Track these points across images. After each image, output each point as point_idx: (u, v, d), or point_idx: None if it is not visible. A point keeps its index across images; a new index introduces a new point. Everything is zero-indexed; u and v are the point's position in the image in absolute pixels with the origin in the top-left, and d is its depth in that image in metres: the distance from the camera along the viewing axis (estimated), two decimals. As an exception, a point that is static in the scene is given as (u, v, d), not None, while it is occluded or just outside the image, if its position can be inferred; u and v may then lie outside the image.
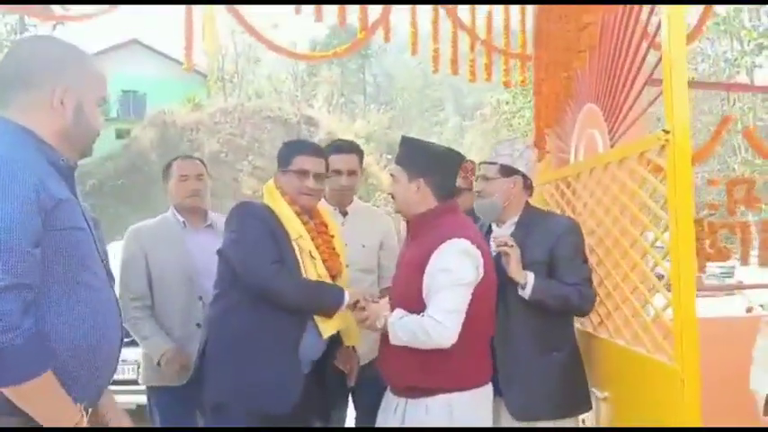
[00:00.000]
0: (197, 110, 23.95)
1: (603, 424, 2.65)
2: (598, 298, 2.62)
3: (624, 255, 2.48)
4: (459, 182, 3.14)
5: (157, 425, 3.08)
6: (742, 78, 20.66)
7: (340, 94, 40.77)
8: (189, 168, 3.16)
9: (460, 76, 4.75)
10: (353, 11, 4.54)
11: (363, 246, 3.11)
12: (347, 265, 2.68)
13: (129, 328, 2.99)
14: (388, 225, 3.34)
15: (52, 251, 1.51)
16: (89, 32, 4.38)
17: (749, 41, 18.91)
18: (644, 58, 2.32)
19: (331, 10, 4.44)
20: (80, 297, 1.57)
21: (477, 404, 2.33)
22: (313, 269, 2.43)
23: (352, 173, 3.16)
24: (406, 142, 2.46)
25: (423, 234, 2.35)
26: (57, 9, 4.52)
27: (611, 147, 2.60)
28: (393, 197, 2.43)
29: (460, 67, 4.72)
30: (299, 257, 2.42)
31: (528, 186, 2.64)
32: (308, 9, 4.33)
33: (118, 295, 2.97)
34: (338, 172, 3.12)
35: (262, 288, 2.35)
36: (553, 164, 3.39)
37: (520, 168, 2.59)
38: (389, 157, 22.48)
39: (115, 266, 4.54)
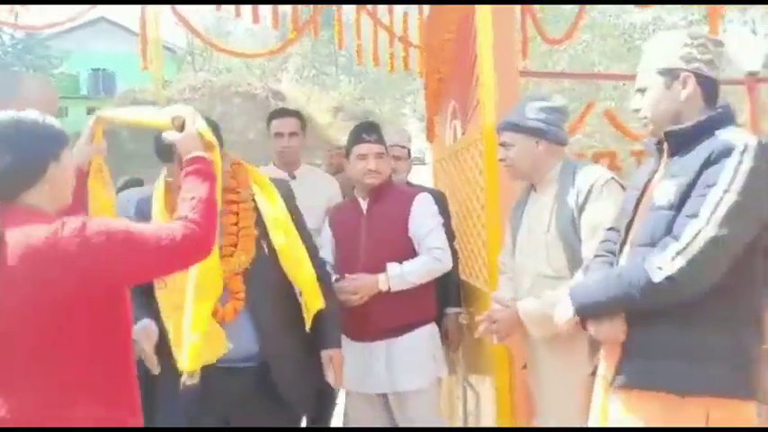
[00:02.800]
0: (166, 86, 24.28)
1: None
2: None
3: (466, 222, 3.26)
4: (329, 168, 3.93)
5: None
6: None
7: (311, 65, 41.04)
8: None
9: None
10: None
11: (310, 206, 3.19)
12: None
13: None
14: (334, 187, 3.74)
15: None
16: (55, 12, 4.89)
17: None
18: (473, 68, 3.06)
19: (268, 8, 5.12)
20: None
21: (438, 331, 3.05)
22: None
23: (292, 134, 3.63)
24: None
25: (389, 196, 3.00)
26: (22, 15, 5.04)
27: (463, 135, 3.38)
28: (379, 172, 2.96)
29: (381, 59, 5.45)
30: None
31: None
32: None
33: None
34: (280, 135, 3.60)
35: None
36: (441, 145, 4.15)
37: None
38: (361, 130, 23.04)
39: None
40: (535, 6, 4.99)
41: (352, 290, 2.86)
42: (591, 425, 2.07)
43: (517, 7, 4.82)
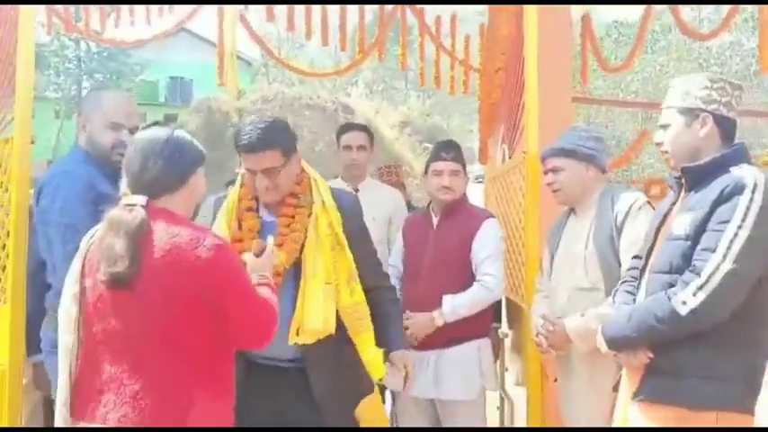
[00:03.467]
0: (240, 96, 25.04)
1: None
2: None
3: (510, 240, 3.43)
4: (393, 180, 4.11)
5: None
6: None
7: (381, 80, 41.48)
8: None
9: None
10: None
11: (373, 218, 3.33)
12: None
13: None
14: (398, 200, 3.83)
15: None
16: (139, 22, 5.28)
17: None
18: (521, 96, 3.23)
19: (334, 31, 5.41)
20: None
21: (490, 346, 3.20)
22: None
23: (360, 148, 3.72)
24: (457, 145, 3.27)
25: (459, 215, 3.14)
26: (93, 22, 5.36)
27: (510, 158, 3.55)
28: (452, 189, 3.11)
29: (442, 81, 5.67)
30: None
31: None
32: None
33: None
34: (349, 147, 3.69)
35: None
36: (493, 166, 4.33)
37: None
38: (427, 145, 23.27)
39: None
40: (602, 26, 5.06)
41: (409, 333, 2.98)
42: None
43: (576, 32, 4.93)
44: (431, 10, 5.42)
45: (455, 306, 3.01)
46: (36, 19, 2.99)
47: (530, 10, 3.02)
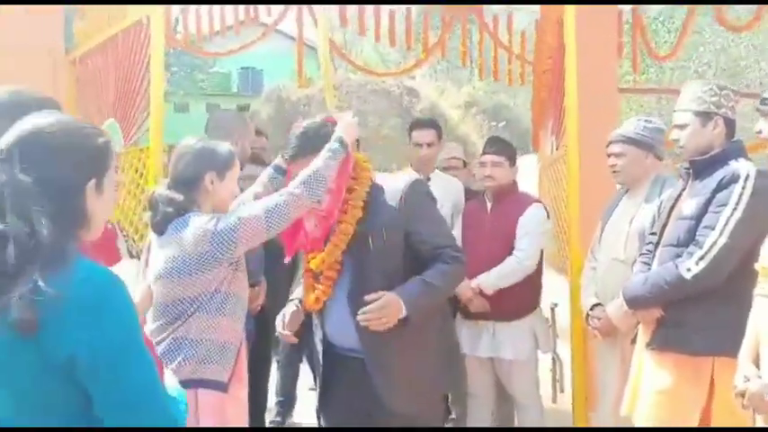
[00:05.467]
0: (309, 84, 25.67)
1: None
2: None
3: (558, 223, 3.94)
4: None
5: None
6: None
7: (446, 60, 41.45)
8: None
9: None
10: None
11: (441, 205, 3.39)
12: None
13: None
14: (459, 190, 4.04)
15: None
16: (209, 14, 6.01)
17: None
18: (562, 97, 3.71)
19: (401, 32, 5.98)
20: None
21: (542, 315, 3.66)
22: None
23: (429, 144, 3.94)
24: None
25: (509, 200, 3.54)
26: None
27: (557, 149, 4.06)
28: (493, 178, 3.51)
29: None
30: None
31: None
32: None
33: None
34: (419, 145, 3.92)
35: None
36: (544, 155, 4.83)
37: None
38: (493, 124, 23.45)
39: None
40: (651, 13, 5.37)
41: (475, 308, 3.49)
42: (631, 376, 2.74)
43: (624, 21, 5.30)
44: (488, 9, 5.90)
45: (489, 277, 3.43)
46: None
47: (569, 9, 3.41)
